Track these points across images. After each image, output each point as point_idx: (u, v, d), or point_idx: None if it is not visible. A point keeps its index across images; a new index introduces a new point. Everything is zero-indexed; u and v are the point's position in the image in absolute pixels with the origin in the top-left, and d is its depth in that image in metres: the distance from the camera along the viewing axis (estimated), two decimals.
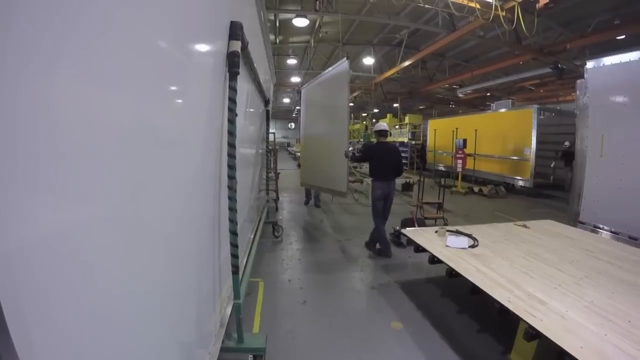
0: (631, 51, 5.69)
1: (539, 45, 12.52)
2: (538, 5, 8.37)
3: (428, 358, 3.63)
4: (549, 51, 12.29)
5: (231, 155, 2.36)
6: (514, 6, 8.41)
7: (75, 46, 0.85)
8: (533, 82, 19.05)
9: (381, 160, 6.68)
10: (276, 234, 7.63)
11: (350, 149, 6.65)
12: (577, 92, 6.74)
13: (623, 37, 10.70)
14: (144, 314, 1.36)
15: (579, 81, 6.70)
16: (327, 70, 7.38)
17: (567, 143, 12.45)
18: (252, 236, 5.19)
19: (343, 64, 6.62)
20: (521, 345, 3.31)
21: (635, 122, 5.55)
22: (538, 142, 13.65)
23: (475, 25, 10.27)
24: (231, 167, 2.37)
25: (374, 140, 8.57)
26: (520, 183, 14.28)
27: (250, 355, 3.07)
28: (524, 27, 7.62)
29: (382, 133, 6.97)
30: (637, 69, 5.54)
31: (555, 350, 2.47)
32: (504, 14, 8.31)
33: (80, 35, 0.87)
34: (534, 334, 2.72)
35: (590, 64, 6.38)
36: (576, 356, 2.30)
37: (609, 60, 6.02)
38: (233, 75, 2.35)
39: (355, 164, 13.58)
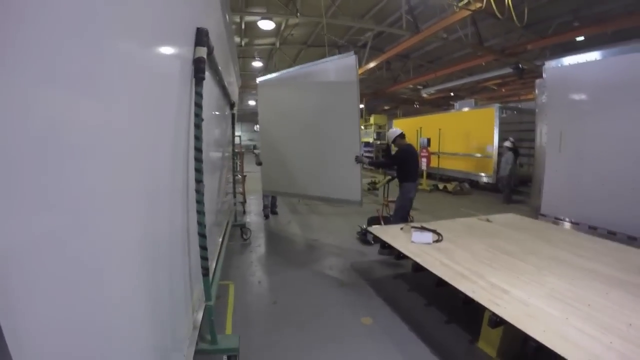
0: (588, 52, 5.98)
1: (501, 46, 12.89)
2: None
3: (399, 350, 3.74)
4: (511, 52, 12.65)
5: (198, 160, 2.39)
6: None
7: (38, 50, 0.87)
8: (495, 81, 19.57)
9: (415, 163, 6.89)
10: (244, 236, 7.61)
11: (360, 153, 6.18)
12: (537, 91, 7.02)
13: (582, 38, 11.11)
14: (118, 320, 1.37)
15: (538, 80, 7.00)
16: (312, 64, 6.79)
17: (510, 139, 12.85)
18: (221, 239, 5.19)
19: (348, 59, 6.04)
20: (488, 333, 3.47)
21: (591, 118, 5.83)
22: (500, 140, 14.08)
23: (438, 27, 10.52)
24: (198, 170, 2.41)
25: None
26: (484, 179, 14.66)
27: (224, 356, 3.10)
28: (514, 16, 7.60)
29: (403, 136, 7.03)
30: (594, 69, 5.83)
31: (520, 335, 2.61)
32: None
33: (42, 39, 0.88)
34: (497, 321, 2.86)
35: (549, 64, 6.66)
36: (539, 339, 2.44)
37: (567, 60, 6.30)
38: (199, 80, 2.39)
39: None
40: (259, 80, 7.74)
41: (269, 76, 7.73)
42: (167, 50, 1.95)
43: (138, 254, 1.56)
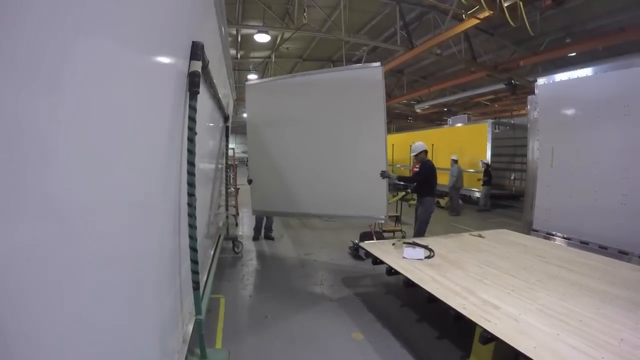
0: (579, 68, 6.05)
1: (494, 62, 13.03)
2: (544, 3, 8.48)
3: None
4: (503, 68, 12.77)
5: (190, 173, 2.39)
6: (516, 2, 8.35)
7: (32, 60, 0.87)
8: (488, 97, 19.71)
9: (436, 178, 7.02)
10: (236, 249, 7.58)
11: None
12: (529, 107, 7.09)
13: (574, 54, 11.26)
14: (104, 333, 1.36)
15: (530, 96, 7.05)
16: (326, 71, 6.54)
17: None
18: (212, 252, 5.17)
19: (374, 70, 5.83)
20: (479, 349, 3.44)
21: (582, 134, 5.88)
22: (493, 155, 14.19)
23: (432, 43, 10.64)
24: (190, 184, 2.40)
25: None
26: (477, 194, 14.72)
27: None
28: (527, 24, 7.59)
29: (426, 151, 7.15)
30: (585, 85, 5.90)
31: (511, 351, 2.60)
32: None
33: (37, 49, 0.88)
34: (489, 338, 2.86)
35: (540, 81, 6.73)
36: (530, 356, 2.44)
37: (558, 77, 6.37)
38: (193, 94, 2.39)
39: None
40: (248, 84, 7.09)
41: (263, 80, 7.35)
42: (161, 63, 1.96)
43: (126, 266, 1.55)
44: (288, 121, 6.61)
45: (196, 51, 2.47)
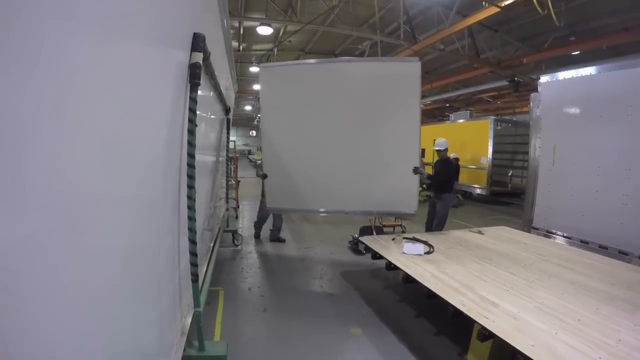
0: (583, 67, 6.03)
1: (497, 59, 12.92)
2: None
3: None
4: (506, 65, 12.68)
5: (190, 165, 2.38)
6: None
7: (31, 52, 0.86)
8: (491, 94, 19.64)
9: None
10: (236, 242, 7.60)
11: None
12: (531, 104, 7.06)
13: (577, 52, 11.20)
14: (102, 325, 1.36)
15: (532, 94, 7.03)
16: (356, 59, 6.48)
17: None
18: (212, 245, 5.16)
19: (412, 65, 5.79)
20: (477, 346, 3.45)
21: (584, 133, 5.87)
22: (494, 152, 14.15)
23: (436, 38, 10.58)
24: (190, 176, 2.39)
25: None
26: (478, 191, 14.71)
27: None
28: (553, 14, 7.42)
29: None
30: (588, 84, 5.88)
31: (509, 349, 2.61)
32: None
33: (36, 40, 0.87)
34: (487, 335, 2.87)
35: (543, 78, 6.71)
36: (527, 354, 2.44)
37: (562, 75, 6.34)
38: (194, 86, 2.38)
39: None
40: (264, 67, 6.44)
41: (282, 64, 6.87)
42: (162, 54, 1.94)
43: (125, 258, 1.54)
44: (311, 111, 6.17)
45: (197, 43, 2.45)
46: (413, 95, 5.84)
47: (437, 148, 7.21)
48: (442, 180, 6.98)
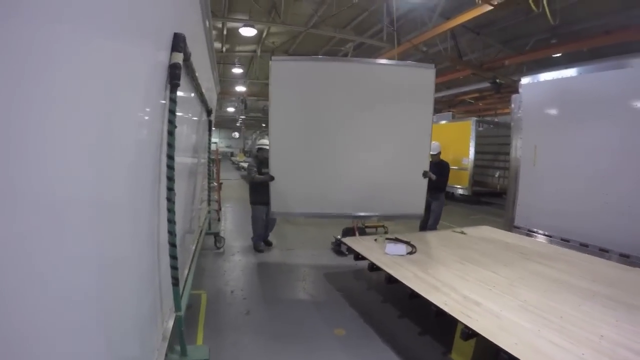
0: (563, 69, 6.16)
1: (479, 61, 13.06)
2: None
3: None
4: (488, 67, 12.86)
5: (170, 167, 2.34)
6: None
7: (5, 50, 0.84)
8: (473, 95, 19.82)
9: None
10: (218, 245, 7.52)
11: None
12: (513, 106, 7.17)
13: (559, 55, 11.36)
14: (84, 332, 1.34)
15: (514, 95, 7.14)
16: (368, 61, 6.31)
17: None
18: (194, 248, 5.11)
19: (427, 72, 5.94)
20: (460, 345, 3.47)
21: (565, 133, 6.00)
22: (476, 153, 14.32)
23: (418, 40, 10.66)
24: (170, 178, 2.36)
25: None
26: (460, 191, 14.85)
27: None
28: (548, 12, 7.40)
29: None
30: (569, 86, 6.01)
31: (492, 348, 2.62)
32: None
33: (9, 38, 0.85)
34: (470, 334, 2.87)
35: (524, 80, 6.85)
36: (511, 352, 2.45)
37: (542, 76, 6.48)
38: (174, 87, 2.34)
39: None
40: (275, 60, 5.91)
41: (297, 58, 6.67)
42: (141, 54, 1.91)
43: (103, 262, 1.50)
44: (324, 110, 5.97)
45: (178, 43, 2.41)
46: (427, 100, 5.98)
47: (433, 152, 7.24)
48: (441, 182, 7.26)
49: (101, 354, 1.53)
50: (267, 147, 6.43)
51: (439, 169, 7.14)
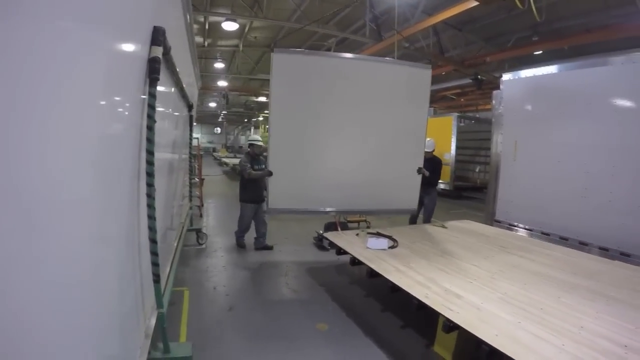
0: (544, 66, 6.28)
1: (461, 57, 13.16)
2: None
3: (354, 356, 3.75)
4: (470, 63, 12.92)
5: (149, 163, 2.31)
6: None
7: None
8: (454, 91, 19.99)
9: None
10: (200, 241, 7.46)
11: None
12: (494, 102, 7.24)
13: (540, 52, 11.52)
14: (65, 331, 1.32)
15: (495, 91, 7.21)
16: (371, 58, 6.43)
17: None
18: (176, 244, 5.06)
19: (424, 72, 6.28)
20: (442, 338, 3.49)
21: (545, 129, 6.09)
22: (458, 148, 14.46)
23: (401, 36, 10.68)
24: (149, 174, 2.32)
25: None
26: (441, 186, 14.96)
27: None
28: (534, 9, 7.44)
29: None
30: (549, 82, 6.10)
31: (474, 339, 2.65)
32: None
33: None
34: (451, 326, 2.90)
35: (506, 76, 6.93)
36: (491, 343, 2.49)
37: (523, 73, 6.57)
38: (153, 81, 2.30)
39: None
40: (278, 51, 5.76)
41: (297, 51, 6.47)
42: (119, 48, 1.87)
43: (82, 260, 1.48)
44: (326, 104, 5.90)
45: (157, 36, 2.38)
46: (423, 99, 6.27)
47: (428, 149, 7.39)
48: (434, 177, 7.56)
49: (82, 353, 1.51)
50: (260, 143, 6.50)
51: (431, 165, 7.32)
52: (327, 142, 6.05)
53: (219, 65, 18.19)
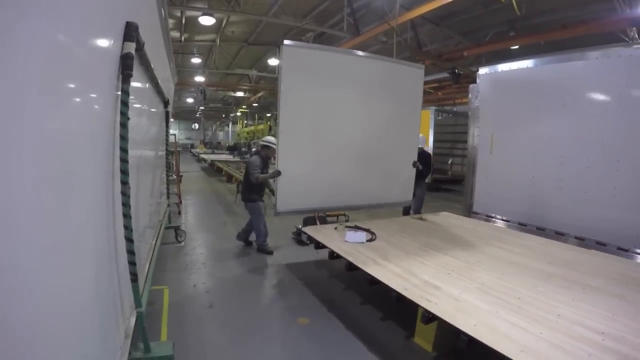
0: (520, 60, 6.37)
1: (438, 52, 13.26)
2: None
3: (336, 349, 3.77)
4: (447, 57, 13.02)
5: (123, 160, 2.27)
6: None
7: None
8: (432, 85, 20.11)
9: None
10: (179, 238, 7.38)
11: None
12: (470, 95, 7.33)
13: (517, 47, 11.67)
14: (42, 334, 1.31)
15: (471, 85, 7.30)
16: (370, 55, 6.25)
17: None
18: (154, 242, 5.00)
19: (417, 71, 6.66)
20: (423, 329, 3.56)
21: (520, 122, 6.21)
22: (435, 141, 14.60)
23: (378, 30, 10.72)
24: (124, 172, 2.28)
25: None
26: None
27: None
28: (514, 4, 7.46)
29: None
30: (525, 76, 6.22)
31: (453, 330, 2.69)
32: None
33: None
34: (430, 317, 2.94)
35: (482, 71, 7.03)
36: (470, 333, 2.53)
37: (500, 67, 6.67)
38: (126, 77, 2.26)
39: None
40: (287, 44, 5.40)
41: (305, 45, 6.63)
42: (90, 44, 1.84)
43: (57, 260, 1.45)
44: (333, 100, 5.79)
45: (130, 32, 2.34)
46: (416, 97, 6.66)
47: (420, 145, 7.46)
48: (425, 170, 7.93)
49: (60, 355, 1.49)
50: (274, 146, 5.98)
51: (423, 159, 7.50)
52: (335, 139, 5.91)
53: (196, 60, 18.01)
